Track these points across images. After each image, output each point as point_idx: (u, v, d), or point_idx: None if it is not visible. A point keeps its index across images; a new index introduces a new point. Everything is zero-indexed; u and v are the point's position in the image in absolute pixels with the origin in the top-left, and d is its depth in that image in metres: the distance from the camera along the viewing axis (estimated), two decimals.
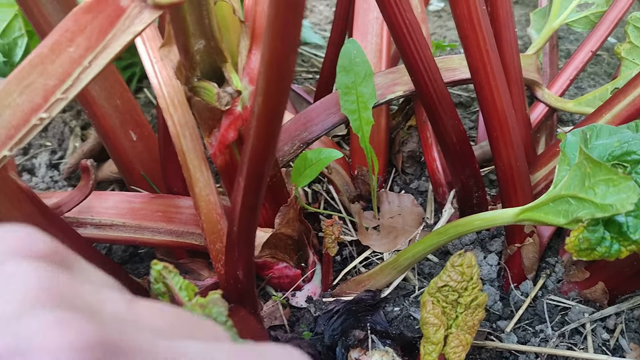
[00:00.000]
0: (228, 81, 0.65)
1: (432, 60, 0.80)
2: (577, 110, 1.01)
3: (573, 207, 0.66)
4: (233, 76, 0.65)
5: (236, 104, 0.69)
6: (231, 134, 0.70)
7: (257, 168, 0.58)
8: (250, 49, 0.69)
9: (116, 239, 0.83)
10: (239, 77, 0.68)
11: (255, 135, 0.54)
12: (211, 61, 0.66)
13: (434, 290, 0.67)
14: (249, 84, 0.69)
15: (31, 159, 1.31)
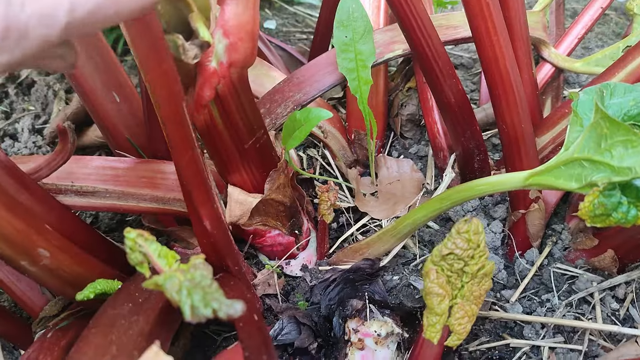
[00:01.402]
0: (195, 33, 0.60)
1: (425, 15, 0.74)
2: (586, 70, 0.95)
3: (587, 171, 0.61)
4: (199, 26, 0.59)
5: (209, 59, 0.63)
6: (207, 92, 0.65)
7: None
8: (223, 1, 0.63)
9: (99, 207, 0.78)
10: (212, 29, 0.62)
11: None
12: (177, 12, 0.61)
13: (438, 258, 0.63)
14: (223, 37, 0.63)
15: (14, 123, 1.26)
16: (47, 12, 0.33)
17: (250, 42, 0.65)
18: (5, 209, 0.60)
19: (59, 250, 0.67)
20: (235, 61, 0.65)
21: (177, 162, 0.64)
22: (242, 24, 0.63)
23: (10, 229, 0.61)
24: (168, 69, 0.55)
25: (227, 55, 0.64)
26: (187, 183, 0.66)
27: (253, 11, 0.64)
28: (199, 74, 0.65)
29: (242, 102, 0.70)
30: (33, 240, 0.64)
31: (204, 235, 0.72)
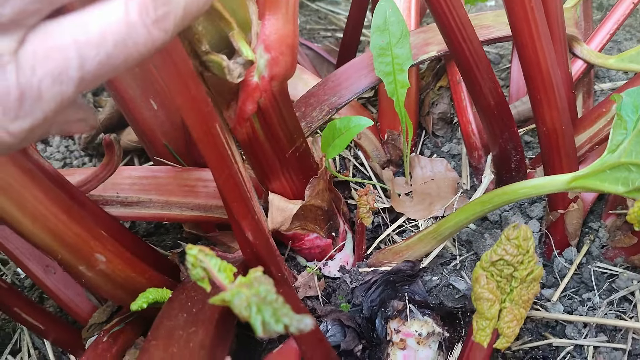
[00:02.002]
0: (238, 51, 0.61)
1: (467, 19, 0.74)
2: (620, 67, 0.95)
3: (634, 175, 0.62)
4: (242, 45, 0.60)
5: (252, 74, 0.64)
6: (249, 106, 0.66)
7: None
8: (263, 15, 0.64)
9: (144, 216, 0.80)
10: (254, 44, 0.63)
11: None
12: (218, 30, 0.61)
13: (487, 264, 0.64)
14: (265, 52, 0.64)
15: None
16: (58, 71, 0.34)
17: (291, 56, 0.66)
18: (66, 215, 0.62)
19: (113, 255, 0.69)
20: (276, 75, 0.66)
21: (215, 179, 0.66)
22: (283, 38, 0.64)
23: (71, 235, 0.63)
24: (196, 93, 0.56)
25: (269, 69, 0.65)
26: (227, 197, 0.68)
27: (293, 25, 0.65)
28: (241, 89, 0.66)
29: (283, 113, 0.70)
30: (91, 245, 0.66)
31: (247, 246, 0.74)
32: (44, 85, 0.34)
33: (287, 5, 0.64)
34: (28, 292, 0.99)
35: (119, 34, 0.35)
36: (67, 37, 0.34)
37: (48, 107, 0.35)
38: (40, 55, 0.34)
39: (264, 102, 0.67)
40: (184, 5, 0.39)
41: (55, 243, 0.62)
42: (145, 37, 0.36)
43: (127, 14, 0.35)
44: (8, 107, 0.33)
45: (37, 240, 0.61)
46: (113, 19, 0.35)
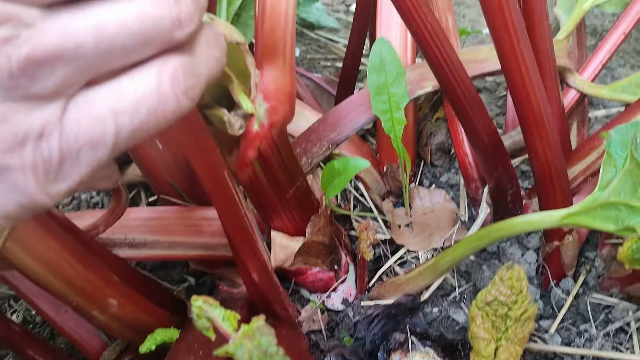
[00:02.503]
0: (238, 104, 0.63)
1: (458, 63, 0.76)
2: (612, 97, 0.98)
3: (624, 214, 0.64)
4: (242, 98, 0.63)
5: (252, 123, 0.67)
6: (250, 153, 0.69)
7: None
8: (261, 66, 0.66)
9: (151, 257, 0.82)
10: (253, 94, 0.66)
11: None
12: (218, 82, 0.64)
13: (482, 304, 0.66)
14: (264, 101, 0.67)
15: None
16: (96, 138, 0.36)
17: (289, 104, 0.69)
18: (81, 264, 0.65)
19: (124, 299, 0.72)
20: (276, 122, 0.68)
21: (222, 221, 0.69)
22: (281, 87, 0.67)
23: (85, 282, 0.67)
24: (206, 145, 0.58)
25: (268, 117, 0.67)
26: (234, 240, 0.70)
27: (290, 74, 0.67)
28: (242, 137, 0.69)
29: (283, 156, 0.73)
30: (104, 291, 0.69)
31: (252, 285, 0.76)
32: (83, 151, 0.36)
33: (284, 56, 0.66)
34: (40, 329, 1.01)
35: (151, 103, 0.37)
36: (105, 107, 0.36)
37: (84, 171, 0.37)
38: (82, 123, 0.36)
39: (264, 147, 0.69)
40: (207, 73, 0.42)
41: (70, 290, 0.65)
42: (174, 105, 0.38)
43: (159, 84, 0.37)
44: (50, 172, 0.35)
45: (52, 288, 0.64)
46: (147, 89, 0.37)
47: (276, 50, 0.65)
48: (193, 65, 0.40)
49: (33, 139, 0.34)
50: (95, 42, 0.35)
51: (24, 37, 0.33)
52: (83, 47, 0.35)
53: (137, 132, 0.38)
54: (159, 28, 0.37)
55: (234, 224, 0.68)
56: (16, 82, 0.33)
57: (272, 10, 0.64)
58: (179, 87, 0.38)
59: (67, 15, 0.35)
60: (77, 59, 0.35)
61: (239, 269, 0.75)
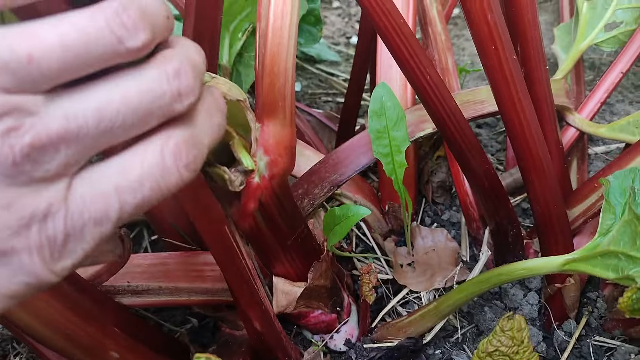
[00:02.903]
0: (238, 161, 0.64)
1: (458, 111, 0.77)
2: (611, 136, 0.98)
3: (623, 263, 0.64)
4: (242, 155, 0.64)
5: (252, 176, 0.68)
6: (251, 205, 0.69)
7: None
8: (262, 120, 0.67)
9: (154, 303, 0.83)
10: (254, 148, 0.66)
11: None
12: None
13: (484, 354, 0.66)
14: (264, 155, 0.67)
15: None
16: (100, 215, 0.37)
17: (289, 156, 0.69)
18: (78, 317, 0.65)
19: (126, 351, 0.72)
20: (276, 174, 0.69)
21: (223, 273, 0.69)
22: (281, 141, 0.68)
23: (85, 336, 0.66)
24: (207, 202, 0.59)
25: (269, 170, 0.68)
26: (234, 290, 0.71)
27: (291, 128, 0.68)
28: (243, 190, 0.69)
29: (284, 205, 0.74)
30: (104, 344, 0.69)
31: (254, 332, 0.77)
32: (87, 228, 0.37)
33: (284, 110, 0.67)
34: None
35: (154, 178, 0.38)
36: (109, 184, 0.37)
37: (88, 246, 0.37)
38: (87, 201, 0.36)
39: (264, 198, 0.70)
40: (209, 142, 0.43)
41: (70, 345, 0.65)
42: (177, 179, 0.39)
43: (162, 160, 0.38)
44: (54, 250, 0.36)
45: (52, 344, 0.65)
46: (150, 165, 0.38)
47: (276, 105, 0.66)
48: (194, 136, 0.41)
49: (38, 220, 0.35)
50: (97, 122, 0.36)
51: (27, 126, 0.34)
52: (85, 128, 0.35)
53: (140, 206, 0.39)
54: (159, 102, 0.38)
55: (235, 277, 0.68)
56: (20, 169, 0.34)
57: (272, 65, 0.65)
58: (182, 161, 0.39)
59: (67, 98, 0.36)
60: (80, 140, 0.36)
61: (240, 317, 0.75)
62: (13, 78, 0.33)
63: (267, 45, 0.66)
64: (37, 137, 0.34)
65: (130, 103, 0.37)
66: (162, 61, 0.39)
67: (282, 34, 0.65)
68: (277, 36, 0.65)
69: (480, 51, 0.72)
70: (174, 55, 0.39)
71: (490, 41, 0.69)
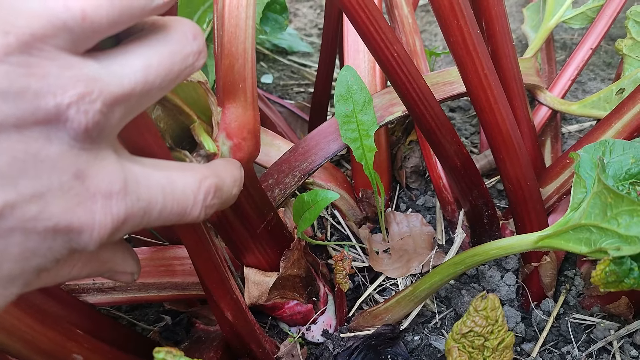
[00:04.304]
0: (200, 144, 0.62)
1: (427, 89, 0.76)
2: (582, 113, 0.97)
3: (595, 236, 0.63)
4: (204, 138, 0.62)
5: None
6: None
7: None
8: (223, 104, 0.65)
9: (122, 301, 0.80)
10: (216, 133, 0.64)
11: None
12: (179, 124, 0.63)
13: (458, 336, 0.64)
14: (227, 139, 0.65)
15: None
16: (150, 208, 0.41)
17: (253, 140, 0.67)
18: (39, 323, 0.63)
19: (91, 352, 0.70)
20: (240, 159, 0.67)
21: (193, 261, 0.67)
22: (244, 124, 0.65)
23: (46, 341, 0.64)
24: None
25: (232, 154, 0.66)
26: (205, 280, 0.69)
27: (253, 111, 0.66)
28: None
29: (251, 192, 0.72)
30: (67, 347, 0.67)
31: (226, 324, 0.75)
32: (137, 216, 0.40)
33: (244, 93, 0.65)
34: None
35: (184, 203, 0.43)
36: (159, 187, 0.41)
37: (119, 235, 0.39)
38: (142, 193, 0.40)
39: None
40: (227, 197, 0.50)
41: (31, 352, 0.62)
42: (196, 214, 0.45)
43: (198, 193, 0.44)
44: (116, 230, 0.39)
45: (12, 352, 0.62)
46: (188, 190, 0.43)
47: (236, 87, 0.64)
48: (222, 189, 0.48)
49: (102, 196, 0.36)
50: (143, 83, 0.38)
51: (97, 92, 0.34)
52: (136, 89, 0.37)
53: (161, 217, 0.41)
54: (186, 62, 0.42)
55: (205, 264, 0.66)
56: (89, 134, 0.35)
57: (230, 46, 0.63)
58: (206, 201, 0.45)
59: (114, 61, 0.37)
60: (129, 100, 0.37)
61: (212, 309, 0.73)
62: (71, 37, 0.33)
63: (224, 26, 0.63)
64: (105, 102, 0.35)
65: (166, 64, 0.40)
66: (179, 24, 0.42)
67: (239, 14, 0.63)
68: (234, 16, 0.63)
69: (443, 27, 0.70)
70: (184, 19, 0.43)
71: (452, 15, 0.68)
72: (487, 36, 0.81)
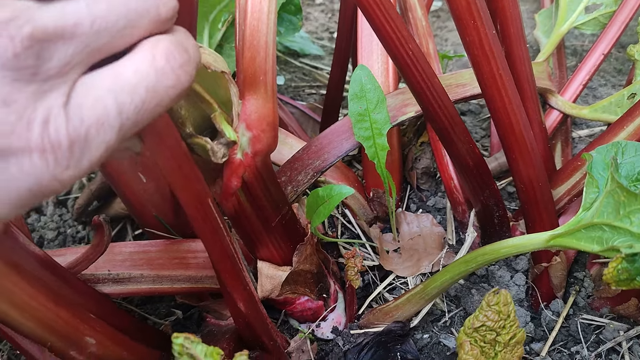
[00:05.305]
0: (220, 133, 0.63)
1: (440, 88, 0.77)
2: (593, 117, 0.98)
3: (607, 234, 0.63)
4: (224, 127, 0.63)
5: (235, 152, 0.67)
6: (234, 182, 0.68)
7: None
8: (243, 95, 0.66)
9: (136, 292, 0.81)
10: (236, 123, 0.66)
11: None
12: (200, 112, 0.64)
13: (470, 330, 0.65)
14: (247, 130, 0.66)
15: None
16: (101, 120, 0.37)
17: (271, 132, 0.68)
18: (52, 302, 0.64)
19: (103, 337, 0.70)
20: (259, 151, 0.68)
21: (208, 250, 0.68)
22: (264, 116, 0.67)
23: (60, 322, 0.65)
24: (189, 173, 0.58)
25: (251, 146, 0.67)
26: (220, 270, 0.70)
27: (272, 103, 0.67)
28: (226, 166, 0.68)
29: (267, 185, 0.73)
30: (80, 329, 0.67)
31: (239, 316, 0.75)
32: (90, 135, 0.37)
33: (265, 85, 0.67)
34: None
35: (149, 80, 0.39)
36: (104, 88, 0.38)
37: (95, 155, 0.37)
38: (85, 107, 0.37)
39: (248, 176, 0.69)
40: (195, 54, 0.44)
41: (44, 331, 0.63)
42: (174, 80, 0.40)
43: (153, 60, 0.40)
44: (60, 157, 0.36)
45: (25, 330, 0.63)
46: (143, 67, 0.39)
47: (257, 79, 0.65)
48: (181, 42, 0.42)
49: (39, 123, 0.35)
50: (91, 20, 0.37)
51: (25, 18, 0.34)
52: (81, 25, 0.36)
53: (141, 111, 0.39)
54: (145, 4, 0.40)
55: (220, 253, 0.67)
56: (22, 62, 0.34)
57: (252, 40, 0.64)
58: (175, 61, 0.41)
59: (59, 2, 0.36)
60: (76, 37, 0.36)
61: (225, 299, 0.74)
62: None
63: (246, 20, 0.65)
64: (36, 29, 0.34)
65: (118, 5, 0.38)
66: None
67: (262, 8, 0.65)
68: (257, 10, 0.65)
69: (459, 27, 0.72)
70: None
71: (469, 15, 0.69)
72: (502, 37, 0.82)
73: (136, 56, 0.40)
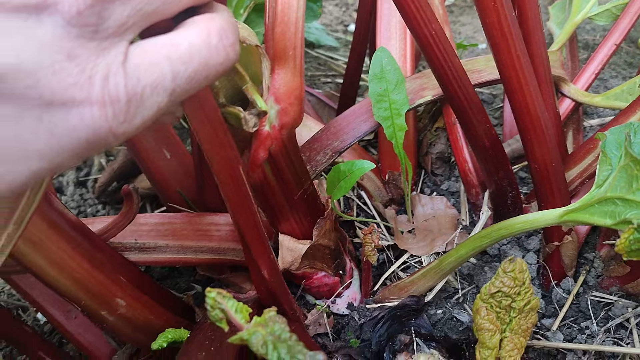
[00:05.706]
0: (252, 103, 0.66)
1: (460, 67, 0.80)
2: (606, 104, 1.01)
3: (620, 208, 0.66)
4: (256, 97, 0.66)
5: (263, 124, 0.70)
6: (262, 153, 0.71)
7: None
8: (273, 69, 0.69)
9: (161, 261, 0.84)
10: (265, 96, 0.69)
11: None
12: (232, 84, 0.67)
13: (486, 296, 0.68)
14: (275, 103, 0.69)
15: (58, 177, 1.32)
16: (156, 83, 0.40)
17: (298, 106, 0.71)
18: (87, 262, 0.67)
19: (133, 299, 0.74)
20: (286, 124, 0.71)
21: (235, 219, 0.71)
22: (291, 90, 0.70)
23: (94, 282, 0.68)
24: (224, 139, 0.61)
25: (279, 119, 0.70)
26: (246, 236, 0.72)
27: (300, 78, 0.71)
28: (254, 137, 0.71)
29: (292, 158, 0.76)
30: (112, 290, 0.71)
31: (263, 283, 0.78)
32: (145, 94, 0.39)
33: (294, 60, 0.70)
34: (48, 337, 1.02)
35: (202, 54, 0.42)
36: (161, 55, 0.40)
37: (147, 114, 0.40)
38: (142, 68, 0.39)
39: (274, 149, 0.72)
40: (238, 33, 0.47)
41: (78, 290, 0.67)
42: (224, 57, 0.43)
43: (208, 37, 0.42)
44: (118, 111, 0.38)
45: (61, 288, 0.66)
46: (198, 41, 0.42)
47: (287, 54, 0.68)
48: (233, 22, 0.46)
49: (100, 77, 0.38)
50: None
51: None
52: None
53: (192, 81, 0.42)
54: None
55: (247, 220, 0.70)
56: (85, 20, 0.37)
57: (283, 15, 0.67)
58: (228, 39, 0.44)
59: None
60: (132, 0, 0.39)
61: (249, 266, 0.76)
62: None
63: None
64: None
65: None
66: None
67: None
68: None
69: (479, 9, 0.74)
70: None
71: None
72: (519, 21, 0.85)
73: (192, 30, 0.42)
